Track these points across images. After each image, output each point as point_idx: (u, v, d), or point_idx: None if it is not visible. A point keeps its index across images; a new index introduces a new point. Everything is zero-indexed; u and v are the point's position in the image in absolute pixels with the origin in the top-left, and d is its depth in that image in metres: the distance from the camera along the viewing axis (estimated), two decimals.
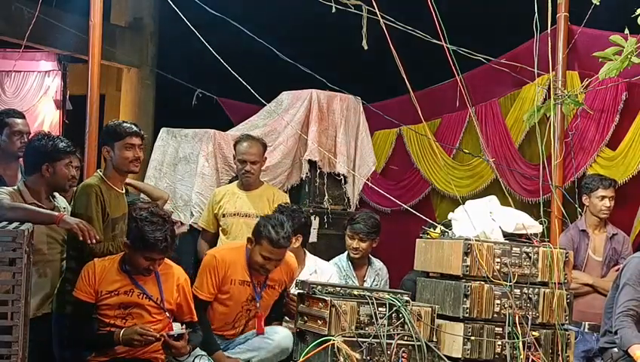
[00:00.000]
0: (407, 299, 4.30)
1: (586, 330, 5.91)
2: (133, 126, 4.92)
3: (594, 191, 6.12)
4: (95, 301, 4.47)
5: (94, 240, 4.44)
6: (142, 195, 5.76)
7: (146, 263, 4.42)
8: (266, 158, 6.19)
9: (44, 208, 4.54)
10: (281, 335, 4.99)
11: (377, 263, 6.03)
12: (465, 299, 4.34)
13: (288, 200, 6.24)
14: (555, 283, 4.45)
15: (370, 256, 6.00)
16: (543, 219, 4.73)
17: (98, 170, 4.98)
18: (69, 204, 4.94)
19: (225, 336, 5.10)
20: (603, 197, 6.09)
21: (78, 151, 6.04)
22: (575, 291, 5.35)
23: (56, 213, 4.49)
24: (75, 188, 5.77)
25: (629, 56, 5.56)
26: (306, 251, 5.72)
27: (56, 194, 4.82)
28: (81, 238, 4.39)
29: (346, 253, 5.98)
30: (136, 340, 4.36)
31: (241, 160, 6.00)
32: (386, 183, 9.33)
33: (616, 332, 4.86)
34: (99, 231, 4.62)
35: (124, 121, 4.98)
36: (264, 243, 4.88)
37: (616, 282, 5.09)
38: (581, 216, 6.24)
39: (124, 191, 5.01)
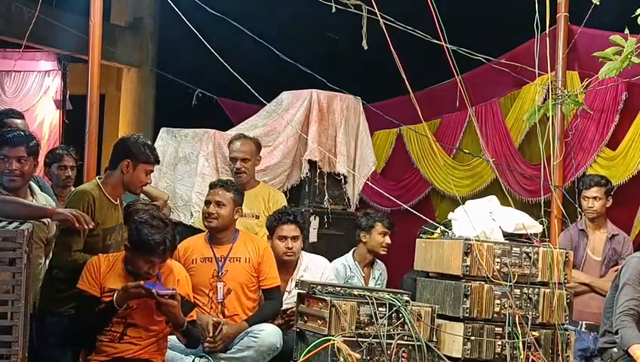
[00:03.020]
0: (407, 299, 4.30)
1: (583, 329, 5.91)
2: (158, 154, 4.98)
3: (581, 192, 6.16)
4: (100, 296, 4.46)
5: (90, 226, 4.40)
6: (141, 196, 5.76)
7: (145, 266, 4.41)
8: (260, 158, 6.20)
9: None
10: (266, 331, 4.99)
11: (380, 263, 6.21)
12: (465, 299, 4.34)
13: (285, 200, 6.25)
14: (555, 283, 4.45)
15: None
16: (543, 219, 4.73)
17: (97, 177, 4.96)
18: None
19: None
20: (586, 198, 6.10)
21: (73, 151, 6.03)
22: (572, 290, 5.35)
23: (49, 207, 4.40)
24: (70, 188, 5.78)
25: (629, 56, 5.57)
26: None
27: (37, 191, 4.74)
28: (77, 226, 4.33)
29: (351, 253, 6.14)
30: (131, 293, 4.34)
31: (232, 157, 6.08)
32: (386, 183, 9.34)
33: (616, 332, 4.85)
34: (81, 240, 4.60)
35: (152, 146, 4.97)
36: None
37: (615, 282, 5.08)
38: (581, 215, 6.24)
39: (118, 202, 4.97)
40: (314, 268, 5.61)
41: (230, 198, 5.26)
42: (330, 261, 5.87)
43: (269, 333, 4.98)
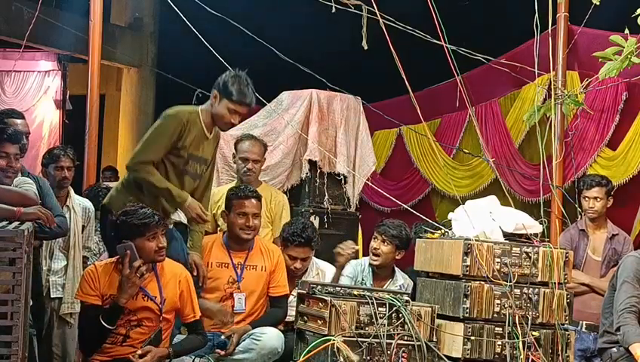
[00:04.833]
0: (407, 298, 4.30)
1: (583, 330, 5.91)
2: (251, 98, 4.89)
3: (581, 192, 6.15)
4: (102, 304, 4.46)
5: (54, 225, 4.43)
6: None
7: (153, 243, 4.41)
8: (265, 159, 6.19)
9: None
10: (268, 335, 4.93)
11: (401, 279, 5.64)
12: (465, 299, 4.33)
13: (286, 200, 6.23)
14: (555, 283, 4.45)
15: (396, 268, 5.69)
16: (543, 219, 4.73)
17: (200, 106, 4.94)
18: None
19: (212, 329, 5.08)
20: (587, 198, 6.09)
21: (71, 152, 6.01)
22: (572, 290, 5.35)
23: (15, 209, 4.26)
24: (67, 189, 5.77)
25: (629, 56, 5.57)
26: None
27: (15, 183, 4.69)
28: (47, 224, 4.32)
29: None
30: (129, 283, 4.35)
31: (244, 158, 5.98)
32: (386, 183, 9.35)
33: (618, 329, 4.83)
34: (161, 149, 4.71)
35: (245, 85, 4.86)
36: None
37: (612, 281, 5.08)
38: (581, 215, 6.24)
39: (212, 136, 4.94)
40: (322, 276, 5.58)
41: (260, 207, 5.26)
42: (330, 261, 5.86)
43: (271, 337, 4.94)
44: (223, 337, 4.96)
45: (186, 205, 4.79)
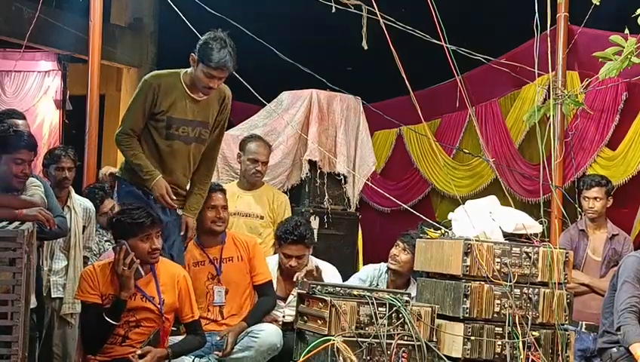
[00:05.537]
0: (407, 299, 4.30)
1: (583, 330, 5.91)
2: (227, 61, 4.75)
3: (581, 192, 6.15)
4: (102, 304, 4.46)
5: (54, 227, 4.44)
6: None
7: (146, 245, 4.42)
8: None
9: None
10: (266, 331, 4.95)
11: (415, 291, 5.31)
12: (465, 299, 4.33)
13: (287, 201, 6.25)
14: (555, 283, 4.45)
15: (412, 280, 5.53)
16: (543, 219, 4.72)
17: (185, 69, 4.86)
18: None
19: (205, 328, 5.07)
20: (587, 198, 6.09)
21: (72, 152, 6.01)
22: (572, 290, 5.35)
23: (16, 211, 4.29)
24: (68, 189, 5.77)
25: (629, 56, 5.58)
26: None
27: (27, 184, 4.68)
28: (47, 226, 4.35)
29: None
30: (124, 277, 4.36)
31: (253, 159, 5.98)
32: (386, 183, 9.35)
33: (618, 329, 4.83)
34: (140, 118, 4.75)
35: (223, 47, 4.73)
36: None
37: (613, 281, 5.08)
38: (581, 216, 6.24)
39: (202, 99, 4.86)
40: (323, 274, 5.58)
41: (226, 200, 5.28)
42: (330, 261, 5.86)
43: (270, 333, 4.96)
44: (217, 338, 4.96)
45: (152, 183, 4.78)
